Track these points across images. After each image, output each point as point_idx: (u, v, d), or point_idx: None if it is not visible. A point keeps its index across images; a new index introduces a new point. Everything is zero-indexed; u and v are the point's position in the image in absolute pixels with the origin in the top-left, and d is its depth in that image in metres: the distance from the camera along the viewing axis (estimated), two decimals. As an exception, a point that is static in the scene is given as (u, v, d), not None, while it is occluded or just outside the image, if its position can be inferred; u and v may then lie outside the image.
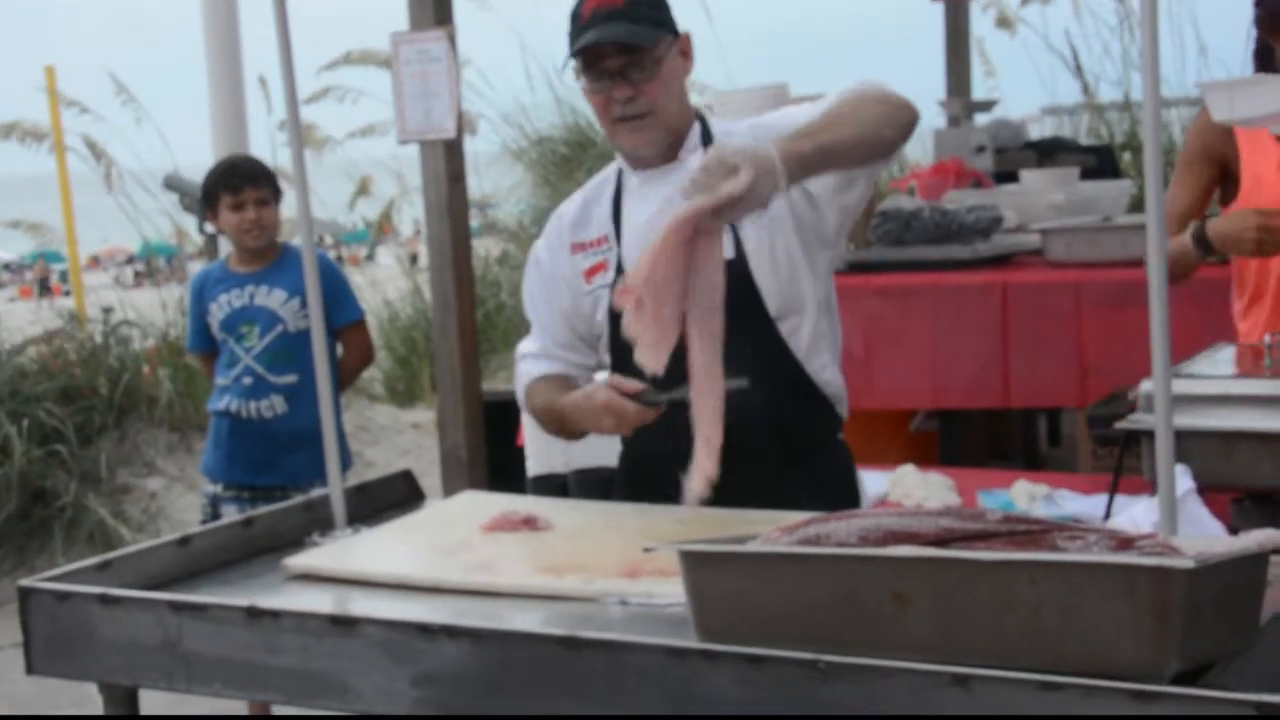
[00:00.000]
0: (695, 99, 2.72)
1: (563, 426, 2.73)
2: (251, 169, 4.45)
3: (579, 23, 2.63)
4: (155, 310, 7.76)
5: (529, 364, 2.86)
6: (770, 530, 1.91)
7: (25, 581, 2.28)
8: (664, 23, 2.65)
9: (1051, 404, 5.21)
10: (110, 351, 7.16)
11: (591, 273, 2.74)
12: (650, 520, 2.52)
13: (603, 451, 3.83)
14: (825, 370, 2.68)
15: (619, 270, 2.67)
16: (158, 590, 2.28)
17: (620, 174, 2.78)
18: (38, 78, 9.01)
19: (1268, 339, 3.05)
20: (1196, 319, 3.85)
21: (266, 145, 10.35)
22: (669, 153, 2.68)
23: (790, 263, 2.62)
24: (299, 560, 2.44)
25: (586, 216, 2.79)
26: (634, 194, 2.73)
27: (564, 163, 9.90)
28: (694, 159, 2.59)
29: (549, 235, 2.83)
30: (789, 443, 2.64)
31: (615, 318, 2.60)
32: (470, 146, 5.31)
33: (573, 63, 2.65)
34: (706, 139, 2.68)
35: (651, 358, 2.29)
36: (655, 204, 2.64)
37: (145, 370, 7.10)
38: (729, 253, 2.51)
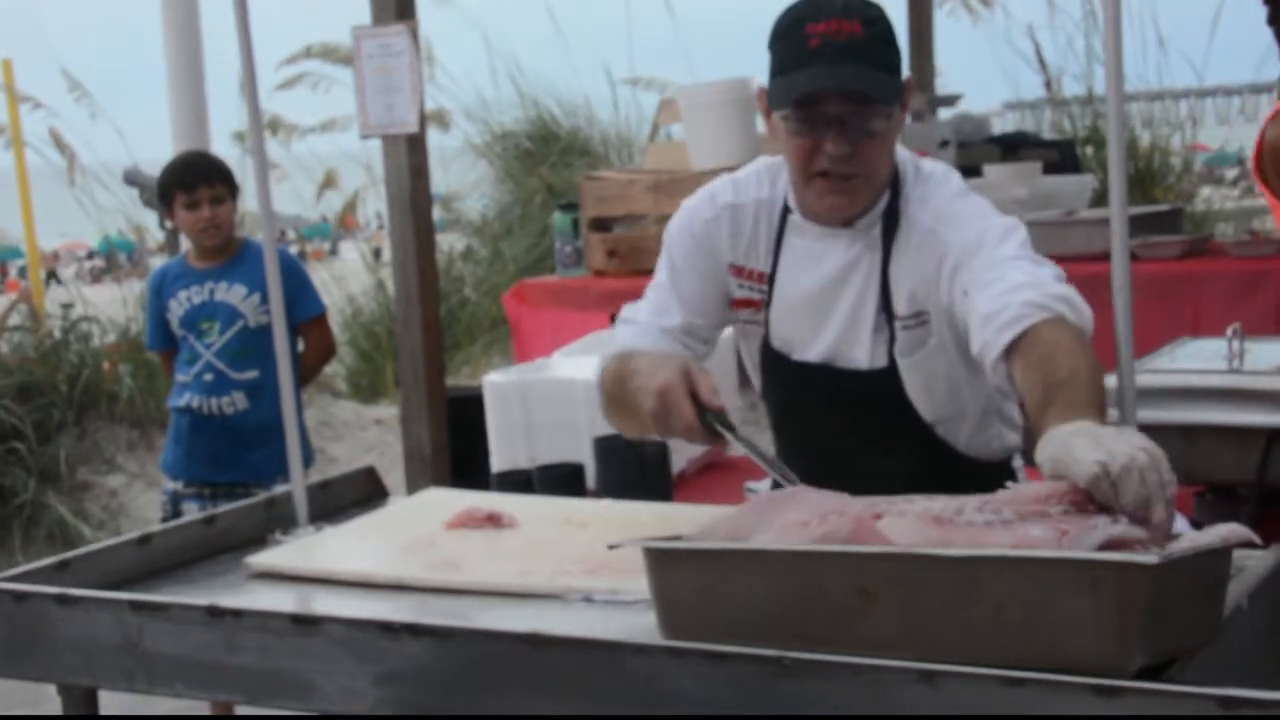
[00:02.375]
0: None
1: (622, 389, 2.36)
2: (205, 167, 4.40)
3: (802, 49, 2.24)
4: (115, 306, 7.70)
5: (632, 332, 2.52)
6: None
7: (-19, 581, 2.25)
8: (899, 66, 2.28)
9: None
10: (70, 348, 7.11)
11: (742, 304, 2.50)
12: (615, 516, 2.52)
13: (567, 448, 3.83)
14: (994, 442, 2.49)
15: (767, 316, 2.45)
16: (117, 589, 2.25)
17: (786, 210, 2.44)
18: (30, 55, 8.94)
19: (1229, 332, 3.07)
20: (1159, 313, 3.87)
21: (230, 139, 10.27)
22: (850, 219, 2.37)
23: (950, 382, 2.40)
24: (261, 559, 2.42)
25: (750, 237, 2.46)
26: (796, 245, 2.43)
27: (527, 157, 9.88)
28: (872, 233, 2.35)
29: (710, 223, 2.48)
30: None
31: (772, 373, 2.50)
32: (435, 141, 5.29)
33: (771, 87, 2.28)
34: (892, 209, 2.36)
35: None
36: (823, 273, 2.39)
37: (105, 367, 7.05)
38: (881, 362, 2.37)
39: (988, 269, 2.20)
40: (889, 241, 2.37)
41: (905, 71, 2.33)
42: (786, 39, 2.27)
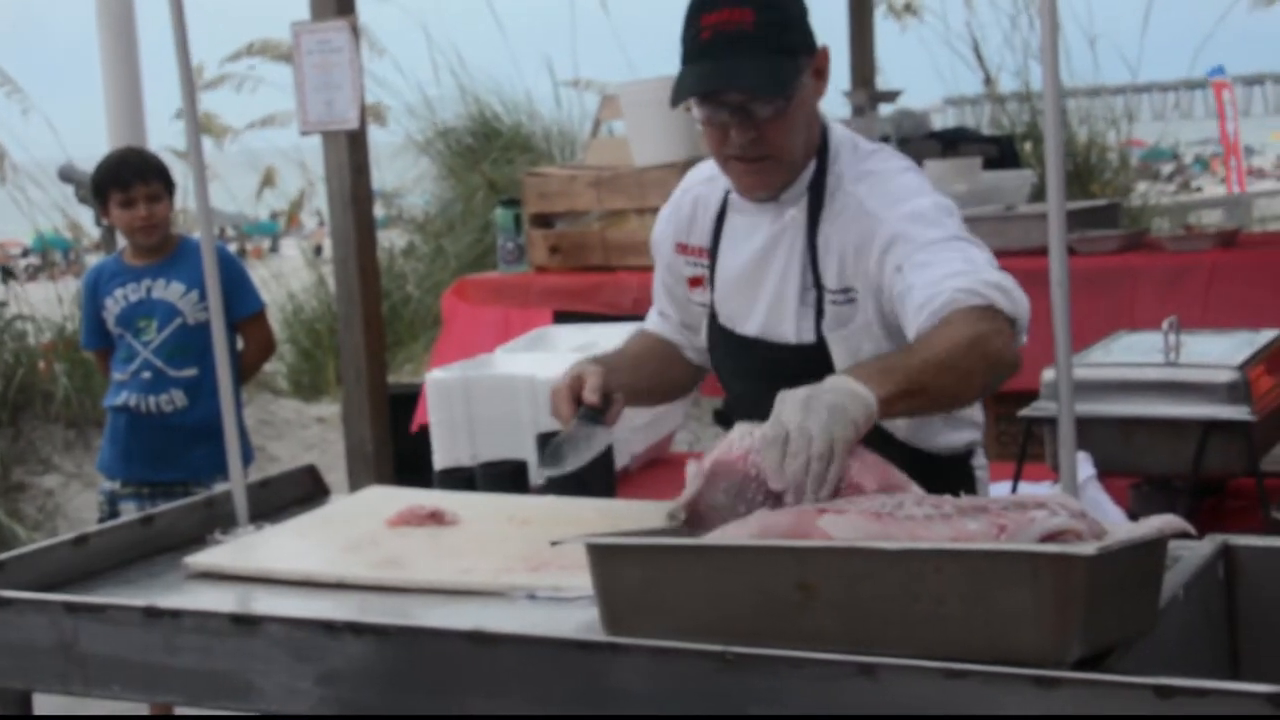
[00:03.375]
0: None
1: None
2: (140, 164, 4.35)
3: (695, 41, 2.25)
4: (50, 305, 7.61)
5: (649, 314, 2.73)
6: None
7: (-85, 583, 2.22)
8: (799, 45, 2.27)
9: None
10: (4, 347, 7.02)
11: (693, 283, 2.56)
12: (558, 512, 2.51)
13: (509, 444, 3.81)
14: (938, 437, 2.46)
15: (711, 291, 2.52)
16: (53, 591, 2.23)
17: (728, 189, 2.49)
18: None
19: (1165, 325, 3.10)
20: (1096, 307, 3.91)
21: (174, 134, 10.18)
22: (784, 186, 2.38)
23: None
24: (200, 558, 2.39)
25: (693, 217, 2.54)
26: (734, 221, 2.48)
27: (468, 153, 9.86)
28: (797, 204, 2.37)
29: (664, 218, 2.61)
30: None
31: (719, 346, 2.54)
32: (376, 138, 5.26)
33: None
34: (818, 181, 2.36)
35: None
36: (751, 249, 2.43)
37: (40, 366, 6.97)
38: (808, 337, 2.38)
39: (923, 248, 2.19)
40: (815, 214, 2.37)
41: (820, 42, 2.32)
42: (686, 30, 2.28)
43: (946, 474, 2.44)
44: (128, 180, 4.25)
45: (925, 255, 2.19)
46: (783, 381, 2.35)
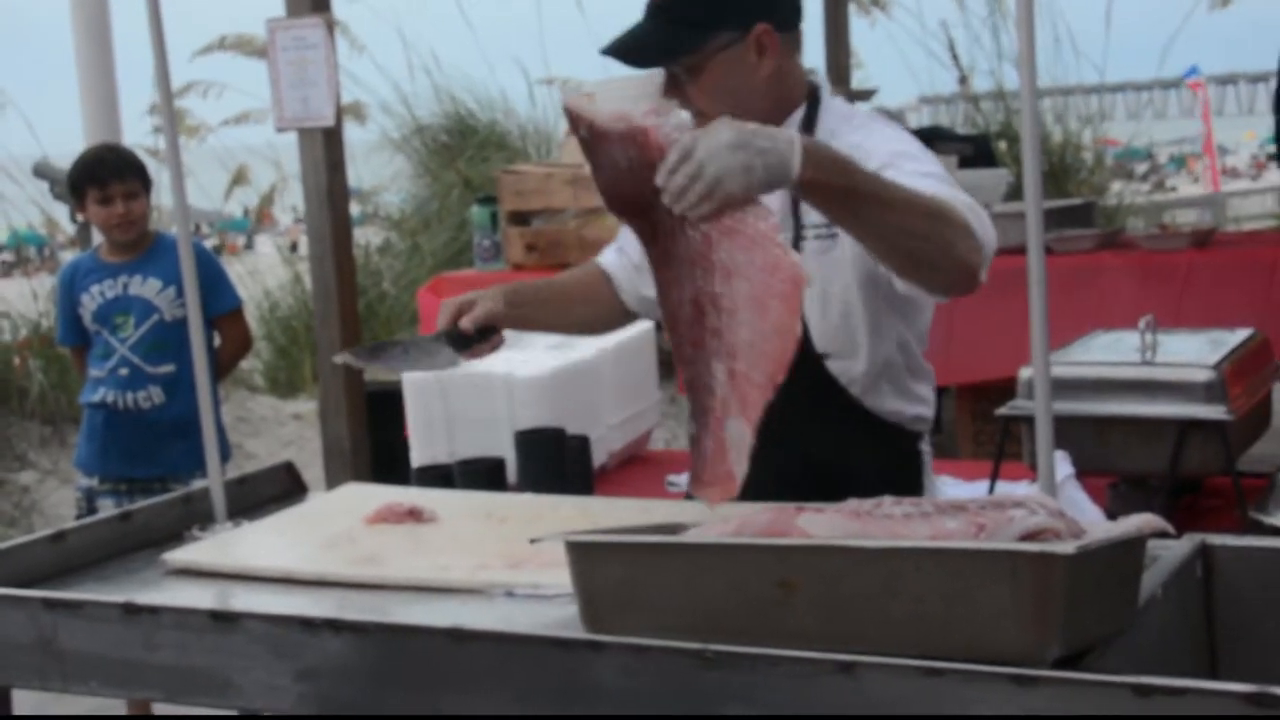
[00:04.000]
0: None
1: None
2: (117, 162, 4.34)
3: (646, 6, 2.45)
4: (26, 301, 7.58)
5: (607, 249, 2.76)
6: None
7: (-108, 580, 2.21)
8: (713, 20, 2.38)
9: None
10: (-21, 343, 7.00)
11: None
12: (536, 510, 2.51)
13: (487, 442, 3.81)
14: (887, 402, 2.50)
15: None
16: (31, 587, 2.22)
17: None
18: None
19: (1142, 324, 3.11)
20: (1072, 306, 3.92)
21: (140, 131, 10.13)
22: None
23: (844, 306, 2.44)
24: (179, 555, 2.39)
25: None
26: None
27: (444, 151, 9.84)
28: None
29: None
30: (850, 471, 2.43)
31: None
32: (352, 135, 5.26)
33: None
34: (807, 128, 2.42)
35: None
36: None
37: (15, 362, 6.94)
38: None
39: (906, 178, 2.20)
40: None
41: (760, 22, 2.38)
42: None
43: (893, 445, 2.50)
44: (105, 178, 4.24)
45: (912, 182, 2.19)
46: None
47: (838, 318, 2.44)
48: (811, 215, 2.40)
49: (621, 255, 2.72)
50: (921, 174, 2.24)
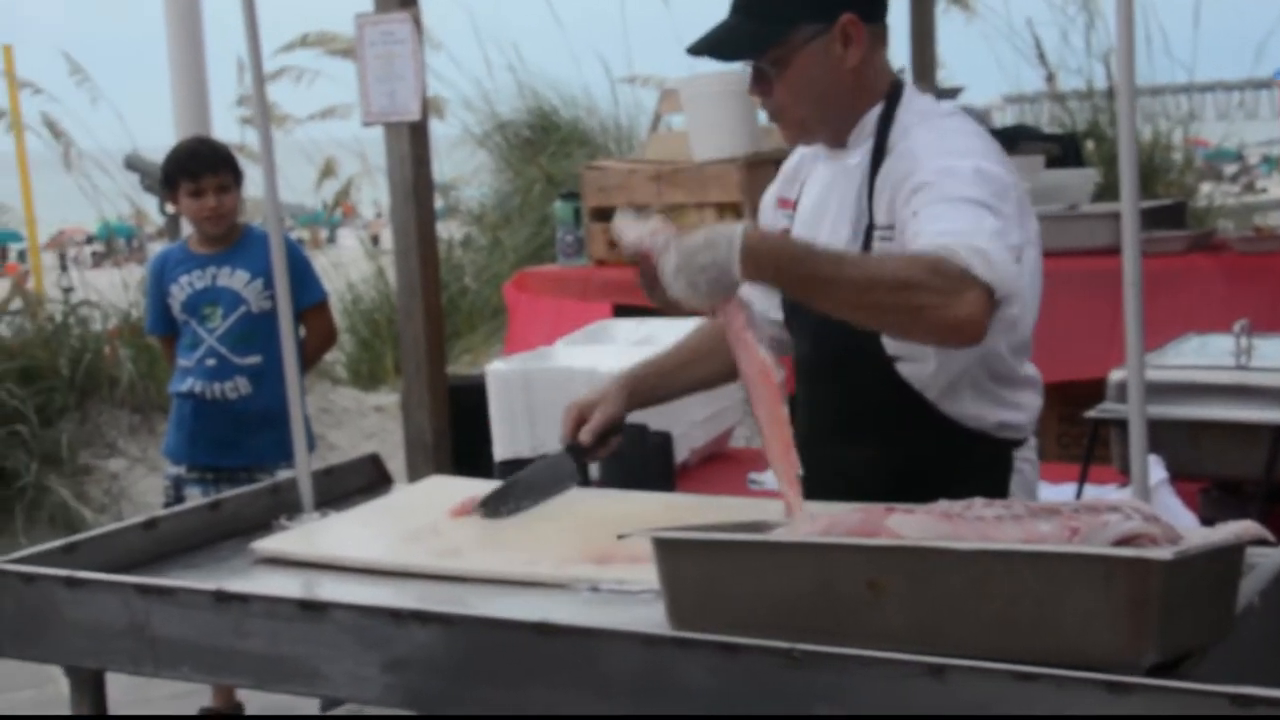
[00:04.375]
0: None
1: None
2: (211, 155, 4.39)
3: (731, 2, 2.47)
4: (116, 291, 7.69)
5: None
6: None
7: (-10, 564, 2.25)
8: (797, 13, 2.39)
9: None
10: (70, 332, 7.10)
11: (786, 234, 2.58)
12: (621, 506, 2.51)
13: (570, 436, 3.82)
14: (967, 406, 2.43)
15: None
16: (124, 573, 2.25)
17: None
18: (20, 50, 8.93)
19: (1237, 328, 3.06)
20: (1163, 309, 3.87)
21: (230, 124, 10.24)
22: (836, 138, 2.47)
23: None
24: (266, 544, 2.42)
25: (796, 172, 2.63)
26: (817, 170, 2.57)
27: (526, 146, 9.88)
28: (861, 149, 2.43)
29: (783, 166, 2.69)
30: (924, 475, 2.38)
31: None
32: (433, 130, 5.27)
33: None
34: (884, 127, 2.43)
35: None
36: (818, 189, 2.52)
37: (106, 351, 7.04)
38: None
39: (943, 200, 2.21)
40: (879, 156, 2.42)
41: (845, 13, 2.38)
42: None
43: (974, 451, 2.43)
44: (198, 171, 4.29)
45: (942, 208, 2.20)
46: (821, 323, 2.30)
47: None
48: (880, 216, 2.38)
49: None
50: (957, 198, 2.20)
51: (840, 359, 2.45)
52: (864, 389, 2.41)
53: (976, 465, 2.45)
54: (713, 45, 2.44)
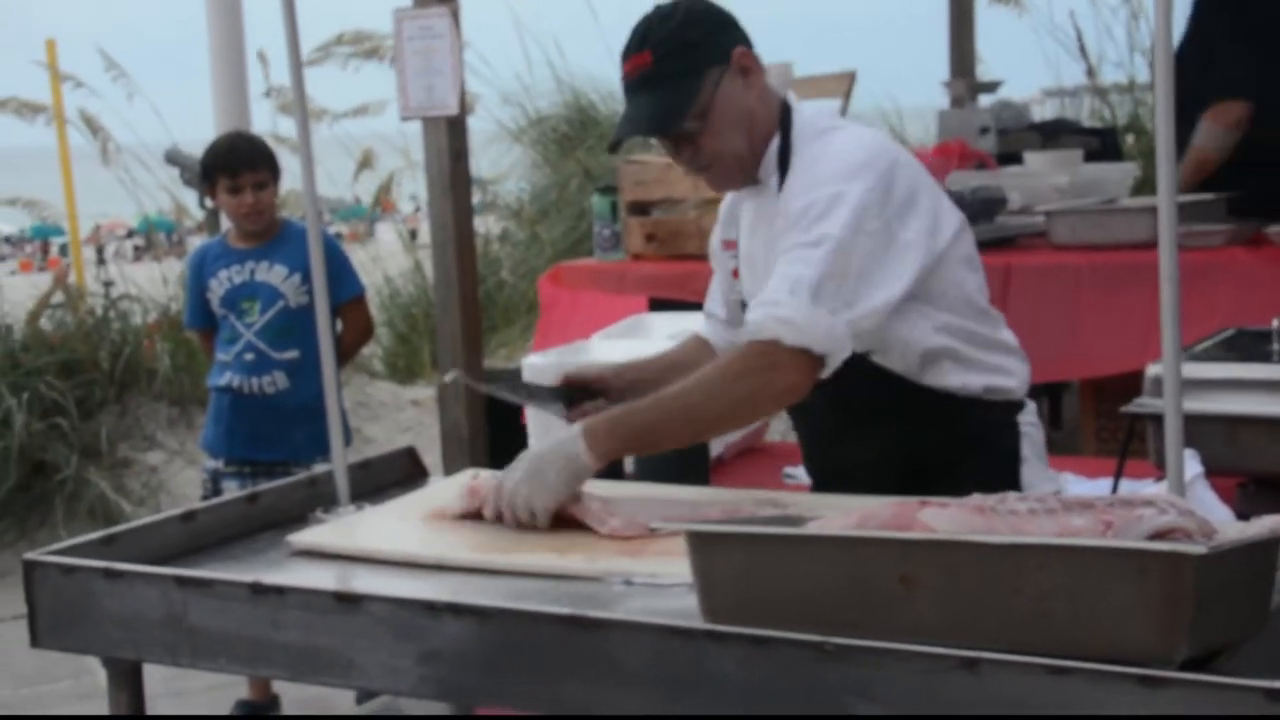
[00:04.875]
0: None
1: None
2: (250, 152, 4.40)
3: (623, 85, 2.58)
4: (155, 285, 7.74)
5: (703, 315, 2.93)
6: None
7: (30, 555, 2.28)
8: (700, 64, 2.49)
9: (1052, 379, 5.20)
10: (111, 326, 7.15)
11: (735, 274, 2.76)
12: (655, 499, 2.52)
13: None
14: (950, 377, 2.54)
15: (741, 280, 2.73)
16: (162, 565, 2.27)
17: None
18: (37, 52, 8.99)
19: (1275, 323, 3.04)
20: (1202, 303, 3.84)
21: (268, 118, 10.27)
22: (750, 173, 2.58)
23: None
24: (302, 537, 2.43)
25: (731, 213, 2.76)
26: (744, 210, 2.70)
27: (564, 141, 9.88)
28: (773, 180, 2.53)
29: (721, 207, 2.82)
30: (928, 451, 2.54)
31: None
32: (471, 125, 5.28)
33: None
34: (785, 153, 2.53)
35: None
36: (749, 227, 2.65)
37: (145, 345, 7.09)
38: None
39: (788, 250, 2.38)
40: (783, 181, 2.52)
41: (736, 43, 2.52)
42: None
43: (969, 419, 2.54)
44: (236, 167, 4.31)
45: (782, 260, 2.38)
46: None
47: None
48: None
49: (712, 319, 2.87)
50: (797, 245, 2.36)
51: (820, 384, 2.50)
52: (853, 386, 2.47)
53: (981, 433, 2.56)
54: (639, 124, 2.54)
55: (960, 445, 2.54)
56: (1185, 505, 1.69)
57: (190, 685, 4.43)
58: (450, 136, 5.01)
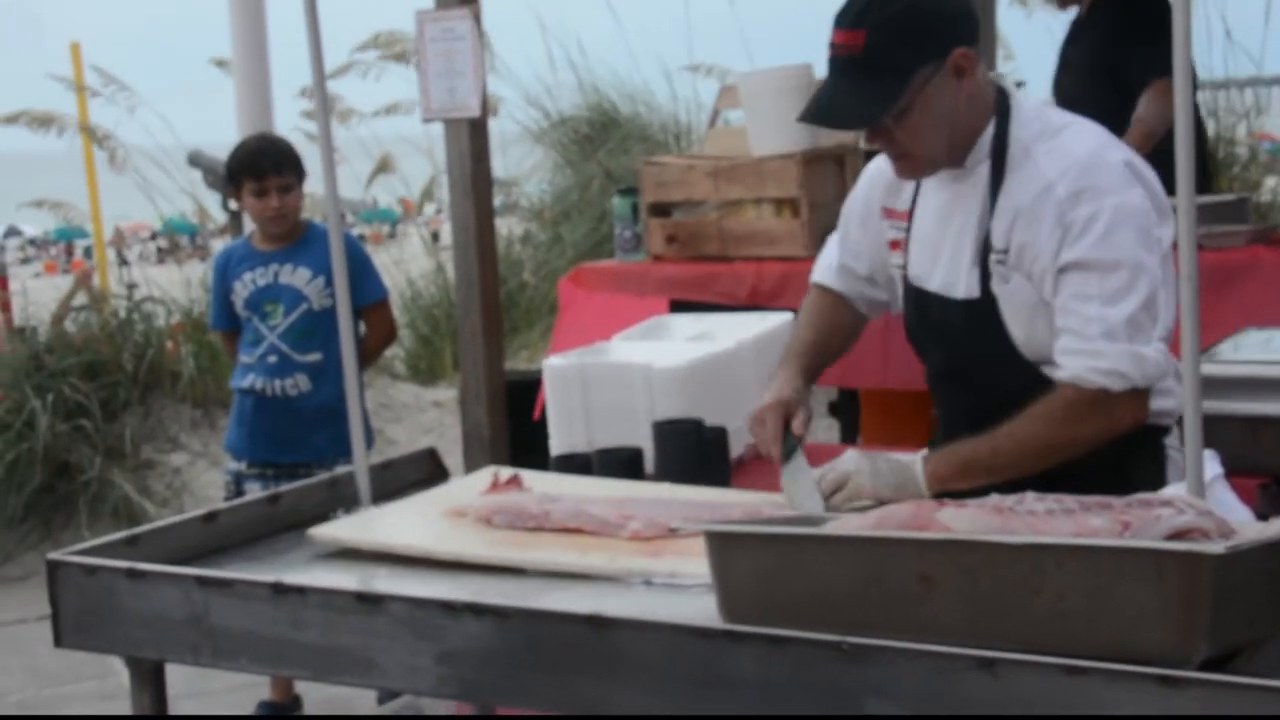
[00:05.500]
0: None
1: None
2: (276, 156, 4.40)
3: (828, 56, 2.40)
4: (178, 287, 7.77)
5: (825, 261, 2.81)
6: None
7: (54, 555, 2.29)
8: (913, 60, 2.35)
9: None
10: (134, 328, 7.18)
11: (893, 246, 2.64)
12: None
13: (625, 432, 3.83)
14: None
15: (906, 253, 2.60)
16: (184, 565, 2.29)
17: None
18: (62, 55, 9.05)
19: (1296, 324, 3.03)
20: (1224, 303, 3.83)
21: (292, 112, 10.30)
22: (955, 160, 2.45)
23: (1031, 326, 2.43)
24: (323, 530, 2.44)
25: (900, 183, 2.59)
26: (929, 185, 2.55)
27: (586, 143, 9.89)
28: (982, 168, 2.43)
29: (873, 176, 2.68)
30: (1079, 469, 2.38)
31: (910, 305, 2.60)
32: (491, 127, 5.29)
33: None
34: (999, 148, 2.42)
35: None
36: (936, 208, 2.52)
37: (169, 347, 7.12)
38: (975, 293, 2.44)
39: (1071, 292, 2.33)
40: (998, 175, 2.42)
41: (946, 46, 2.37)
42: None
43: (1131, 442, 2.42)
44: (262, 171, 4.31)
45: (1075, 284, 2.32)
46: (953, 337, 2.49)
47: (1033, 331, 2.43)
48: (997, 239, 2.41)
49: (844, 272, 2.76)
50: (1107, 269, 2.30)
51: (981, 364, 2.48)
52: (1010, 392, 2.40)
53: (1131, 455, 2.46)
54: (833, 114, 2.42)
55: (1109, 466, 2.41)
56: (1203, 505, 1.69)
57: (212, 686, 4.44)
58: (472, 138, 5.02)
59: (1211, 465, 2.76)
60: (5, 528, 6.30)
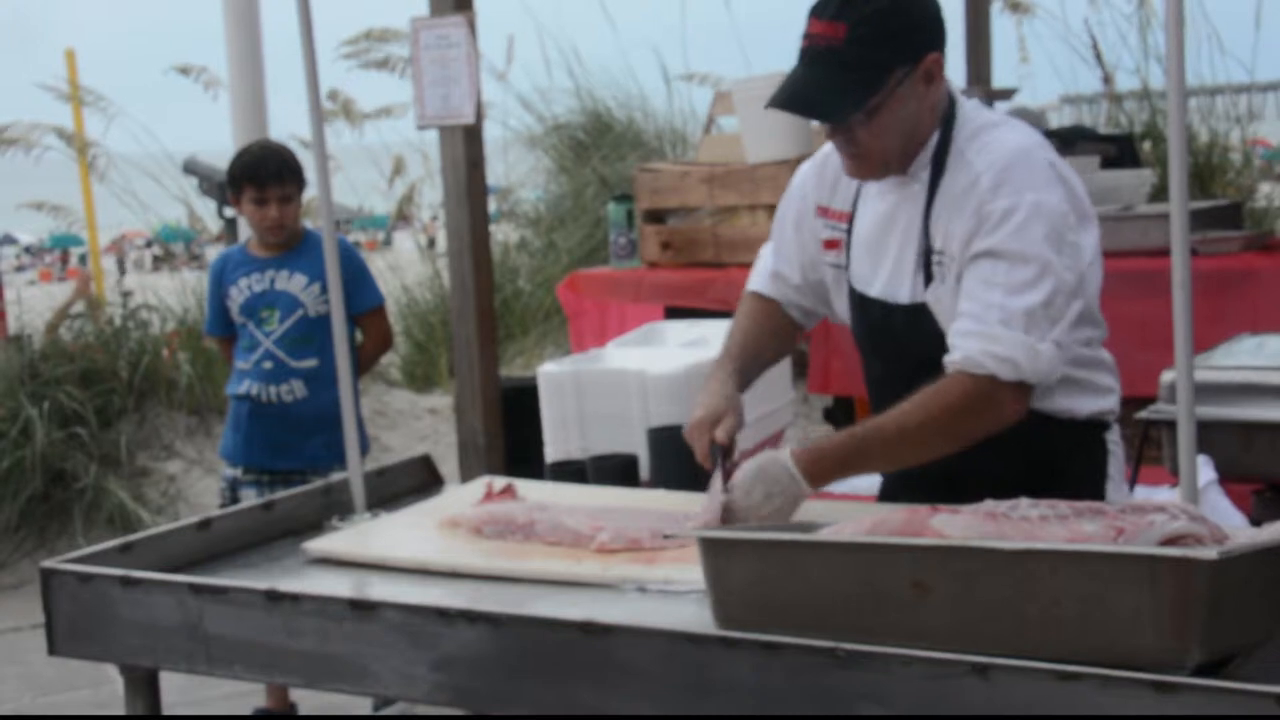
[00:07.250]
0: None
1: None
2: (278, 166, 4.38)
3: (800, 45, 2.39)
4: (173, 294, 7.77)
5: (761, 269, 2.78)
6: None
7: (47, 563, 2.29)
8: (891, 58, 2.35)
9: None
10: (130, 335, 7.17)
11: (829, 245, 2.62)
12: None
13: (620, 438, 3.83)
14: (1057, 401, 2.45)
15: (848, 255, 2.58)
16: (178, 572, 2.29)
17: None
18: (55, 53, 9.04)
19: (1289, 330, 3.04)
20: (1217, 309, 3.84)
21: (296, 115, 10.26)
22: (902, 166, 2.45)
23: None
24: (318, 544, 2.44)
25: (838, 182, 2.59)
26: (869, 188, 2.54)
27: (580, 149, 9.89)
28: (924, 174, 2.43)
29: (806, 175, 2.68)
30: (1024, 474, 2.37)
31: (854, 311, 2.59)
32: (486, 132, 5.29)
33: None
34: (940, 155, 2.43)
35: None
36: (878, 214, 2.51)
37: (164, 354, 7.11)
38: (920, 297, 2.44)
39: (978, 278, 2.33)
40: (935, 181, 2.43)
41: (933, 46, 2.39)
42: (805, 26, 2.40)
43: (1065, 440, 2.46)
44: (264, 180, 4.30)
45: (982, 271, 2.32)
46: (894, 341, 2.49)
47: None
48: (936, 240, 2.41)
49: (777, 279, 2.74)
50: (1015, 260, 2.30)
51: (923, 369, 2.43)
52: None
53: (1074, 454, 2.49)
54: (807, 103, 2.39)
55: (1050, 466, 2.45)
56: (1197, 511, 1.69)
57: (208, 695, 4.44)
58: (466, 145, 5.02)
59: (1205, 471, 2.77)
60: (0, 536, 6.30)
